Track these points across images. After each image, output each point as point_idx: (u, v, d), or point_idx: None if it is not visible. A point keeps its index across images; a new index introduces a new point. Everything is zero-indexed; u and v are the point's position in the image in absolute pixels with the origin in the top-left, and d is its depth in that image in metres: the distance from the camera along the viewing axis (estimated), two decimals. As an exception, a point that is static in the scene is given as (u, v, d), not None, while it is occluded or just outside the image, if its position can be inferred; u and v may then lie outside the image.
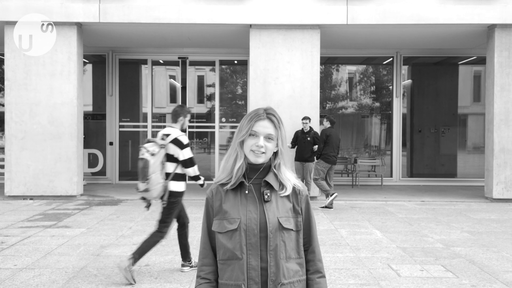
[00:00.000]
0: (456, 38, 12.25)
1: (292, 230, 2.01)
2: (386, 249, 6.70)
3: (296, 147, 10.57)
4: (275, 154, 2.05)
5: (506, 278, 5.44)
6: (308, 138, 10.29)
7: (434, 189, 13.15)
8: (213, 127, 14.34)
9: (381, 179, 13.90)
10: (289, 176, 2.05)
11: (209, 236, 2.07)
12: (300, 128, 10.50)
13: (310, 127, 10.40)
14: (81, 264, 5.87)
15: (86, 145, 13.28)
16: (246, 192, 2.00)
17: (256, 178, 2.03)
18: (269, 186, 2.01)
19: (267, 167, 2.04)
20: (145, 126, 14.38)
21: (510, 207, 10.45)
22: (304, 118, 10.34)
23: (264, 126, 1.99)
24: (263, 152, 1.98)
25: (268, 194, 1.99)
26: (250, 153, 1.99)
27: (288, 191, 2.02)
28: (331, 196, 9.88)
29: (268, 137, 1.99)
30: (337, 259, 6.17)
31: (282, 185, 2.03)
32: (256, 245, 1.95)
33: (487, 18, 10.81)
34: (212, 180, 2.16)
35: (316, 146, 10.25)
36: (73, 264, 5.85)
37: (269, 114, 2.03)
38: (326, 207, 9.95)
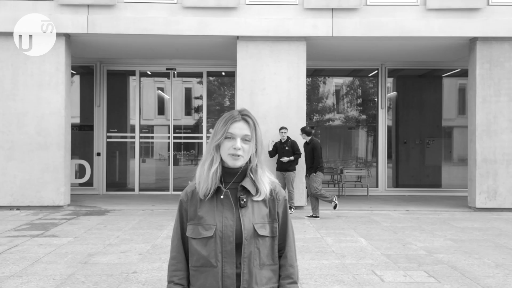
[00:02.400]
0: (439, 50, 12.52)
1: (267, 236, 1.96)
2: (370, 256, 6.81)
3: (276, 157, 10.74)
4: (251, 156, 1.98)
5: (487, 283, 5.57)
6: (287, 148, 10.48)
7: (419, 199, 13.33)
8: (201, 137, 14.43)
9: (367, 189, 14.05)
10: (265, 180, 1.99)
11: (182, 240, 2.01)
12: (278, 139, 10.67)
13: (287, 136, 10.59)
14: (68, 271, 5.90)
15: (74, 155, 13.28)
16: (222, 197, 1.94)
17: (234, 183, 1.96)
18: (245, 190, 1.96)
19: (244, 171, 1.98)
20: (133, 137, 14.43)
21: (493, 216, 10.64)
22: (282, 128, 10.54)
23: (240, 128, 1.93)
24: (241, 155, 1.92)
25: (244, 199, 1.93)
26: (228, 157, 1.92)
27: (263, 195, 1.96)
28: (335, 199, 9.98)
29: (244, 139, 1.93)
30: (322, 266, 6.26)
31: (258, 189, 1.97)
32: (232, 252, 1.90)
33: (469, 31, 11.08)
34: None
35: (292, 157, 10.43)
36: (60, 272, 5.88)
37: (244, 116, 1.97)
38: (312, 216, 10.05)
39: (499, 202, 11.20)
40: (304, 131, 10.21)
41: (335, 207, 10.05)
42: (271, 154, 10.77)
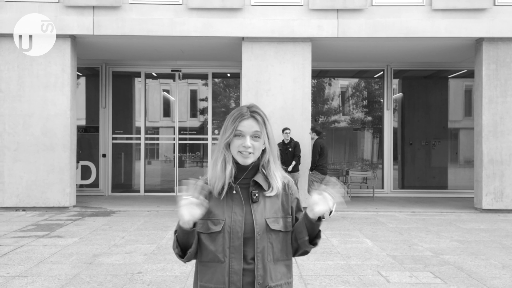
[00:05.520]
0: (445, 51, 12.47)
1: (280, 231, 1.95)
2: (376, 257, 6.78)
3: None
4: (263, 151, 1.98)
5: (493, 284, 5.53)
6: (290, 149, 10.45)
7: (425, 201, 13.27)
8: (206, 139, 14.43)
9: (372, 191, 14.01)
10: (277, 175, 1.99)
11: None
12: (281, 140, 10.59)
13: (290, 137, 10.57)
14: (73, 272, 5.91)
15: (79, 157, 13.31)
16: (234, 192, 1.94)
17: (244, 178, 1.97)
18: (257, 185, 1.96)
19: (256, 166, 1.98)
20: (138, 138, 14.44)
21: (499, 217, 10.57)
22: (286, 128, 10.48)
23: (249, 126, 1.93)
24: (251, 153, 1.92)
25: (257, 194, 1.94)
26: (237, 154, 1.92)
27: (275, 190, 1.96)
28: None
29: (254, 136, 1.93)
30: (327, 267, 6.24)
31: (270, 185, 1.97)
32: (240, 248, 1.89)
33: (475, 32, 11.03)
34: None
35: (293, 163, 10.39)
36: (65, 272, 5.88)
37: (253, 112, 1.97)
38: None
39: (506, 203, 11.13)
40: (313, 130, 10.43)
41: (330, 213, 9.97)
42: None
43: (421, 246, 7.50)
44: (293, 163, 10.38)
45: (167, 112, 15.11)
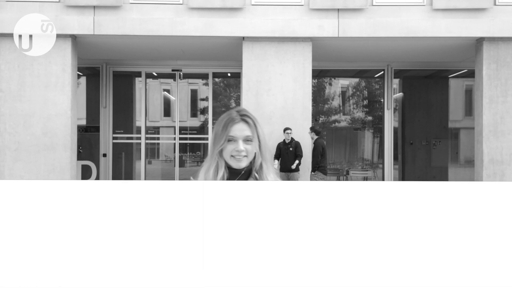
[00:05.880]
0: (446, 51, 12.47)
1: None
2: (376, 257, 6.77)
3: (280, 159, 10.76)
4: (255, 155, 2.00)
5: (494, 283, 5.52)
6: (291, 149, 10.52)
7: (426, 200, 13.24)
8: (207, 139, 14.44)
9: (373, 191, 13.98)
10: (270, 178, 2.00)
11: None
12: (282, 140, 10.67)
13: (291, 137, 10.63)
14: (74, 271, 5.90)
15: (80, 157, 13.32)
16: None
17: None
18: None
19: (248, 170, 1.99)
20: (139, 138, 14.45)
21: (500, 217, 10.55)
22: (287, 128, 10.58)
23: (240, 129, 1.95)
24: (245, 156, 1.94)
25: None
26: (231, 159, 1.95)
27: None
28: None
29: (246, 139, 1.95)
30: (328, 266, 6.23)
31: None
32: None
33: (475, 32, 11.03)
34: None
35: (297, 161, 10.46)
36: (66, 272, 5.88)
37: (243, 116, 1.98)
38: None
39: (506, 203, 11.11)
40: (313, 129, 10.52)
41: None
42: (275, 156, 10.79)
43: (421, 246, 7.50)
44: (296, 161, 10.43)
45: (167, 111, 15.13)
